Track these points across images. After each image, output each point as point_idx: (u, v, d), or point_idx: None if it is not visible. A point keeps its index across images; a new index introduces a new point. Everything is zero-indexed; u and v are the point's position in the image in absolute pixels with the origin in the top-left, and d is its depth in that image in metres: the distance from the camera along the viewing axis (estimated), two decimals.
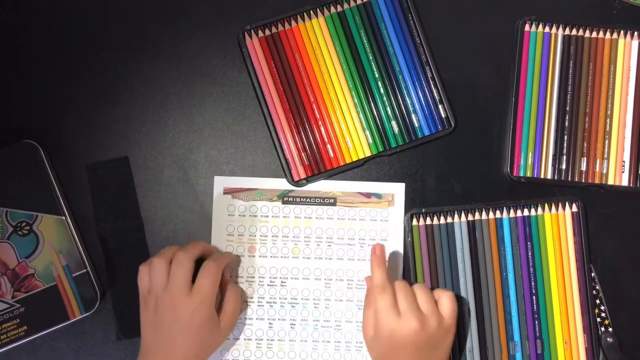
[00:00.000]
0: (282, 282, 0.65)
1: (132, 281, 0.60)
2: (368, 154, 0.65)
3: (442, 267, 0.64)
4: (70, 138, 0.66)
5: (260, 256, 0.66)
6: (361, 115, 0.66)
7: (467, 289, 0.64)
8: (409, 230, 0.65)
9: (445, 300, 0.60)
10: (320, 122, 0.65)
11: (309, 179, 0.65)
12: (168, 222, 0.66)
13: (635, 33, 0.66)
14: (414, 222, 0.65)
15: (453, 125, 0.65)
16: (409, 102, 0.66)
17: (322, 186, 0.66)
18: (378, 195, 0.66)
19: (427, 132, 0.66)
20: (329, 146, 0.65)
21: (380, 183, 0.66)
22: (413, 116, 0.66)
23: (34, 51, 0.66)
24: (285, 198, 0.66)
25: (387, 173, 0.66)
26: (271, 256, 0.66)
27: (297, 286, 0.65)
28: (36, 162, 0.64)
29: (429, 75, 0.66)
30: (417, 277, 0.64)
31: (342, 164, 0.65)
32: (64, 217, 0.64)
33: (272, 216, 0.66)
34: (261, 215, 0.66)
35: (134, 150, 0.66)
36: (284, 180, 0.66)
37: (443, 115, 0.66)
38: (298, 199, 0.66)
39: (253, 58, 0.66)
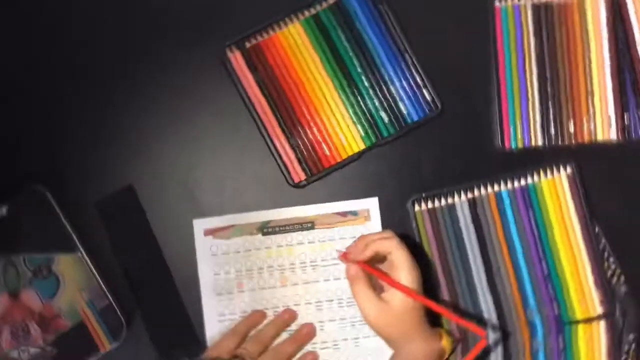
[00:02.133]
0: (274, 312, 0.66)
1: (158, 302, 0.62)
2: (362, 147, 0.67)
3: (449, 247, 0.65)
4: (74, 176, 0.68)
5: (249, 290, 0.66)
6: (350, 110, 0.67)
7: (477, 264, 0.65)
8: (412, 217, 0.66)
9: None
10: (312, 124, 0.67)
11: (309, 180, 0.67)
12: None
13: None
14: (416, 207, 0.66)
15: (440, 107, 0.67)
16: (394, 91, 0.67)
17: (298, 212, 0.66)
18: (354, 213, 0.66)
19: (415, 118, 0.67)
20: (324, 145, 0.67)
21: (354, 201, 0.66)
22: (400, 104, 0.67)
23: (25, 99, 0.69)
24: (264, 230, 0.66)
25: (383, 164, 0.67)
26: (260, 288, 0.66)
27: None
28: (45, 206, 0.65)
29: (409, 62, 0.67)
30: (428, 259, 0.65)
31: (339, 160, 0.67)
32: (79, 255, 0.65)
33: (255, 249, 0.66)
34: (244, 251, 0.66)
35: (137, 179, 0.68)
36: (261, 212, 0.66)
37: (429, 99, 0.67)
38: (277, 229, 0.66)
39: (238, 72, 0.67)
